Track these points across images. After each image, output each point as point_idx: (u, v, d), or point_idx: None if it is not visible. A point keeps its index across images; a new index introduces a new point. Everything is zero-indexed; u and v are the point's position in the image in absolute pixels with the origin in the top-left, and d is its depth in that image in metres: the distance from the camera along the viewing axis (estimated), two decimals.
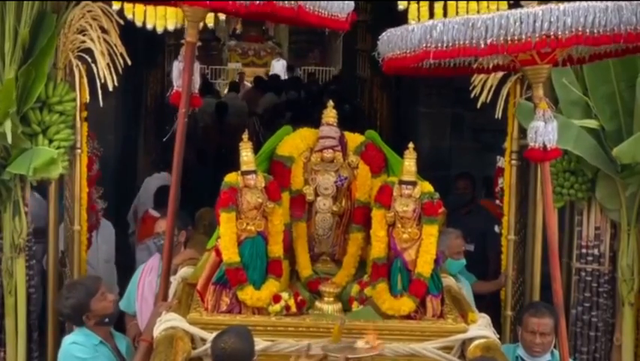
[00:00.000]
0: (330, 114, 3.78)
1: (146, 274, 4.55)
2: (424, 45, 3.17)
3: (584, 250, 4.65)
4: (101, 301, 3.80)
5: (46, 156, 4.35)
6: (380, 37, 3.51)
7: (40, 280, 4.75)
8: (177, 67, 3.72)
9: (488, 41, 3.04)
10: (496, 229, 5.11)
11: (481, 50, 3.08)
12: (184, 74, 3.65)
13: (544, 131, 3.48)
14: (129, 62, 4.46)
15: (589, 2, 3.09)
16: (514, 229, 4.72)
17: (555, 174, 4.59)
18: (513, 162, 4.67)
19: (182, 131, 3.65)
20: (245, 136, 3.60)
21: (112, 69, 4.42)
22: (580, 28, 3.05)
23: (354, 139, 3.83)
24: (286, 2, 3.41)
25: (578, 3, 3.09)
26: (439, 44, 3.14)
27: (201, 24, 4.38)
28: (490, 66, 3.77)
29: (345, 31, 3.80)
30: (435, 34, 3.14)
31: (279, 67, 18.36)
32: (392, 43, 3.36)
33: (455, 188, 6.24)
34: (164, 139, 3.95)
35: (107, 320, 3.83)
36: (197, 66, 3.74)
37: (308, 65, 18.94)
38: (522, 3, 3.39)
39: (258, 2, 3.34)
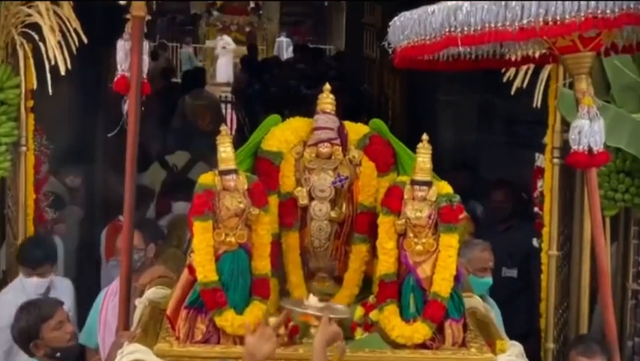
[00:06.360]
0: (326, 100, 3.80)
1: (110, 298, 4.61)
2: (447, 29, 3.23)
3: None
4: (55, 331, 3.88)
5: None
6: (391, 22, 3.55)
7: None
8: (123, 47, 3.80)
9: (525, 22, 3.09)
10: (535, 242, 5.14)
11: (516, 33, 3.13)
12: (132, 56, 3.72)
13: (590, 131, 3.56)
14: (85, 40, 4.52)
15: None
16: (557, 242, 4.78)
17: (607, 175, 4.65)
18: (555, 160, 4.74)
19: (134, 126, 3.73)
20: (223, 128, 3.64)
21: (64, 49, 4.48)
22: (632, 6, 3.10)
23: (356, 130, 3.86)
24: None
25: None
26: (466, 28, 3.18)
27: None
28: (519, 57, 3.84)
29: None
30: (460, 16, 3.19)
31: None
32: (407, 29, 3.41)
33: (491, 200, 6.22)
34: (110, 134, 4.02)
35: (58, 354, 3.90)
36: (146, 45, 3.81)
37: (303, 42, 19.06)
38: None
39: None
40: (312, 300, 3.48)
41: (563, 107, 4.60)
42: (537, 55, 3.88)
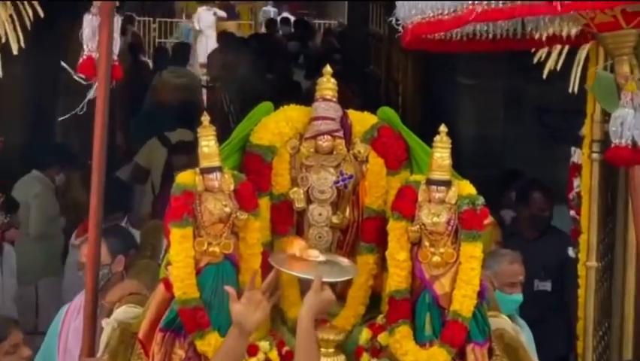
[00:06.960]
0: (327, 85, 3.81)
1: (72, 318, 4.64)
2: (470, 2, 3.24)
3: None
4: (9, 355, 3.99)
5: None
6: None
7: None
8: (90, 22, 3.82)
9: None
10: (571, 252, 5.14)
11: (550, 7, 3.15)
12: (101, 34, 3.73)
13: (634, 122, 3.57)
14: (41, 14, 4.48)
15: None
16: (597, 252, 4.75)
17: None
18: (594, 155, 4.72)
19: (103, 118, 3.73)
20: (205, 119, 3.64)
21: (17, 23, 4.44)
22: None
23: (361, 121, 3.86)
24: None
25: None
26: (490, 1, 3.20)
27: None
28: (544, 36, 3.83)
29: None
30: None
31: (208, 19, 18.51)
32: (420, 2, 3.43)
33: (528, 204, 6.18)
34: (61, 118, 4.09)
35: None
36: (117, 21, 3.84)
37: (299, 16, 19.19)
38: None
39: None
40: (313, 253, 3.44)
41: (598, 92, 4.56)
42: (565, 33, 3.87)
